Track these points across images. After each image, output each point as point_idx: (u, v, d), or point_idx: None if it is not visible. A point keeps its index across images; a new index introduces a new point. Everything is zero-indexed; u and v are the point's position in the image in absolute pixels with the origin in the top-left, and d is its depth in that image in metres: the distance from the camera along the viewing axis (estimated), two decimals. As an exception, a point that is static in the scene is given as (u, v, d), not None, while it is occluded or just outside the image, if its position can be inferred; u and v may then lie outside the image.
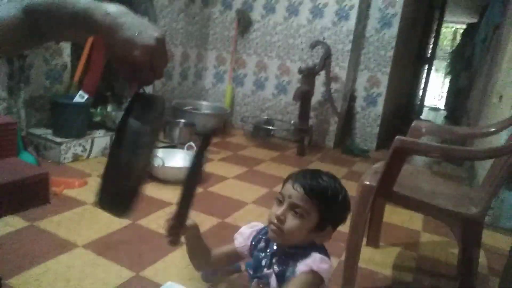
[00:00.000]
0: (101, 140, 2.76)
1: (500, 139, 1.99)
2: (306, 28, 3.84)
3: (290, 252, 0.98)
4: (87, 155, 2.67)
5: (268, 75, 4.11)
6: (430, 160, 3.49)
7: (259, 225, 1.11)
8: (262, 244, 1.06)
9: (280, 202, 0.96)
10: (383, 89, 3.92)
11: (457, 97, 6.88)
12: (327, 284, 0.94)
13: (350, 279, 1.50)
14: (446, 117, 7.42)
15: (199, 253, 1.09)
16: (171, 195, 2.28)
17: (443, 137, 1.68)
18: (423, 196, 1.40)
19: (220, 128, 3.93)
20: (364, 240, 1.90)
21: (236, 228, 1.17)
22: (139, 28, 0.61)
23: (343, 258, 1.59)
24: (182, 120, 3.46)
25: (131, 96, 0.71)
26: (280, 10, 3.94)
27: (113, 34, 0.61)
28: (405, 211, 2.40)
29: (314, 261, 0.93)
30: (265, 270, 1.01)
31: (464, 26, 7.99)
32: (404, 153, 1.30)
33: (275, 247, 1.02)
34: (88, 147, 2.67)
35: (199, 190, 2.42)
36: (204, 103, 4.17)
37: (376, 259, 1.87)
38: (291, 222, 0.94)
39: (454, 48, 8.60)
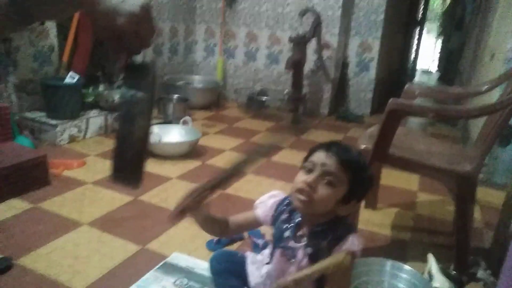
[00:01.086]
0: (96, 119, 2.75)
1: (493, 97, 2.01)
2: (295, -5, 3.77)
3: (319, 231, 0.95)
4: (83, 136, 2.67)
5: (259, 45, 4.07)
6: (425, 122, 3.51)
7: (281, 194, 1.10)
8: (285, 215, 1.03)
9: (309, 171, 0.93)
10: (375, 54, 3.90)
11: (449, 59, 6.85)
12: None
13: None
14: (439, 79, 7.42)
15: (212, 227, 1.09)
16: (170, 170, 2.30)
17: (436, 98, 1.69)
18: (418, 157, 1.43)
19: (214, 102, 3.92)
20: (363, 203, 1.94)
21: (237, 198, 1.18)
22: None
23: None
24: (175, 96, 3.45)
25: (121, 66, 0.71)
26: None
27: (97, 4, 0.61)
28: (402, 173, 2.45)
29: (352, 244, 0.91)
30: (292, 243, 0.98)
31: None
32: (398, 115, 1.31)
33: (298, 219, 1.01)
34: (83, 127, 2.66)
35: (196, 164, 2.45)
36: (196, 77, 4.14)
37: (375, 220, 1.92)
38: (323, 190, 0.91)
39: (444, 9, 8.50)
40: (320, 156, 0.93)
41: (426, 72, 8.66)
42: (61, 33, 2.73)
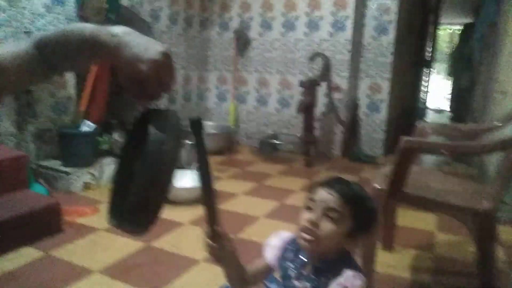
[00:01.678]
0: (110, 166, 2.79)
1: (506, 133, 1.98)
2: (304, 42, 3.90)
3: (321, 268, 0.95)
4: (97, 183, 2.70)
5: (270, 90, 4.15)
6: (439, 161, 3.46)
7: (287, 234, 1.09)
8: (290, 254, 1.02)
9: (310, 209, 0.93)
10: (385, 94, 3.93)
11: (460, 98, 6.86)
12: None
13: (368, 285, 1.49)
14: (451, 119, 7.39)
15: (237, 274, 1.06)
16: (182, 215, 2.29)
17: (449, 135, 1.69)
18: (434, 195, 1.40)
19: (226, 147, 3.95)
20: (379, 245, 1.88)
21: (251, 243, 1.15)
22: (145, 45, 0.64)
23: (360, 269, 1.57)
24: (188, 142, 3.50)
25: (142, 112, 0.72)
26: (276, 27, 4.01)
27: (120, 52, 0.64)
28: (418, 213, 2.39)
29: (347, 279, 0.89)
30: (295, 282, 0.98)
31: (460, 27, 8.03)
32: (411, 153, 1.30)
33: (304, 259, 1.00)
34: (97, 174, 2.69)
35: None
36: (209, 123, 4.21)
37: (393, 263, 1.85)
38: (327, 226, 0.90)
39: (453, 49, 8.62)
40: (321, 194, 0.93)
41: (438, 111, 8.66)
42: (79, 83, 2.85)
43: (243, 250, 1.20)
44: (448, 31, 9.71)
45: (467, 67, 6.27)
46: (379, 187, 1.43)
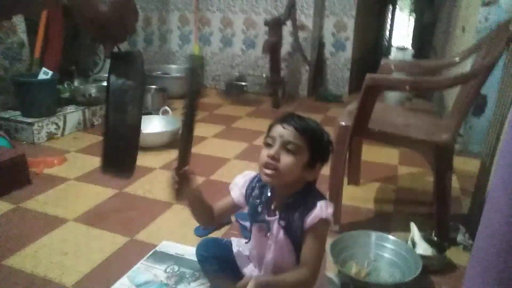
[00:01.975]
0: (73, 115, 2.71)
1: (465, 69, 2.06)
2: (267, -22, 3.75)
3: (290, 203, 1.00)
4: (61, 132, 2.62)
5: (235, 30, 4.04)
6: (401, 98, 3.57)
7: (252, 173, 1.14)
8: (256, 191, 1.08)
9: (269, 145, 0.98)
10: (350, 32, 3.93)
11: (423, 35, 6.95)
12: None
13: (334, 216, 1.58)
14: (413, 56, 7.53)
15: (202, 213, 1.11)
16: (152, 161, 2.29)
17: (411, 72, 1.74)
18: (397, 130, 1.46)
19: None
20: (346, 180, 1.98)
21: (222, 184, 1.20)
22: None
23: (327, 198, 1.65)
24: (153, 86, 3.41)
25: (108, 56, 0.70)
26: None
27: None
28: (382, 149, 2.50)
29: (321, 210, 0.96)
30: (266, 217, 1.03)
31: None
32: (375, 90, 1.34)
33: (269, 194, 1.05)
34: (61, 124, 2.61)
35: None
36: (173, 66, 4.09)
37: (358, 196, 1.97)
38: (286, 159, 0.96)
39: (416, -16, 8.56)
40: (277, 129, 0.99)
41: (401, 49, 8.77)
42: (30, 28, 2.65)
43: (215, 191, 1.25)
44: (412, -35, 9.57)
45: (429, 4, 6.30)
46: (344, 124, 1.48)
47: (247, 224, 1.64)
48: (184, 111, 0.90)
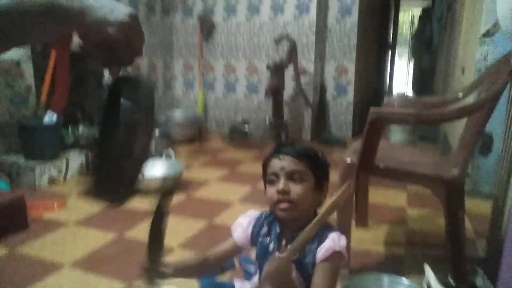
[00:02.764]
0: (76, 159, 2.69)
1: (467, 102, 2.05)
2: (269, 26, 3.87)
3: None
4: (63, 177, 2.59)
5: (238, 76, 4.11)
6: (406, 140, 3.56)
7: (255, 212, 1.09)
8: (264, 229, 1.03)
9: (273, 182, 0.96)
10: (351, 76, 3.99)
11: (422, 79, 7.07)
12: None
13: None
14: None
15: (188, 273, 1.06)
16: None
17: (415, 108, 1.74)
18: (405, 166, 1.43)
19: (196, 135, 3.90)
20: (353, 223, 1.91)
21: (226, 229, 1.14)
22: (110, 7, 0.60)
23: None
24: (156, 130, 3.42)
25: (113, 80, 0.69)
26: (241, 11, 3.95)
27: (84, 17, 0.59)
28: (389, 191, 2.45)
29: (334, 242, 0.91)
30: (278, 254, 0.98)
31: (420, 10, 8.24)
32: (380, 124, 1.32)
33: (278, 230, 1.00)
34: (63, 168, 2.59)
35: (182, 197, 2.39)
36: (177, 111, 4.13)
37: (367, 238, 1.89)
38: (296, 188, 0.93)
39: (414, 32, 8.84)
40: (275, 164, 0.96)
41: (402, 95, 8.89)
42: (38, 72, 2.71)
43: (218, 235, 1.20)
44: (408, 14, 9.94)
45: (427, 49, 6.46)
46: (350, 161, 1.44)
47: (252, 268, 1.56)
48: (155, 209, 0.91)
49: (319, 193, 0.97)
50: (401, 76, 9.83)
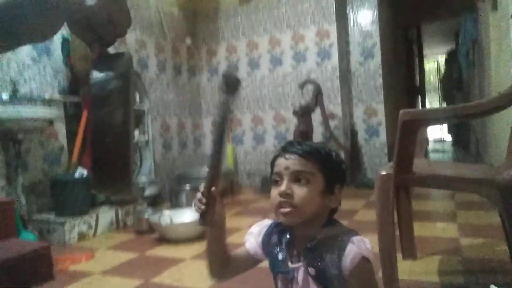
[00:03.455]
0: (106, 215, 2.66)
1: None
2: (293, 75, 3.93)
3: (315, 245, 0.84)
4: (93, 232, 2.55)
5: (266, 127, 4.12)
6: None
7: (268, 220, 0.99)
8: (274, 238, 0.93)
9: (277, 183, 0.86)
10: (381, 117, 3.89)
11: (458, 124, 6.83)
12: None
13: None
14: (453, 144, 7.31)
15: (218, 251, 0.94)
16: (183, 252, 2.13)
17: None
18: (448, 172, 1.28)
19: (228, 189, 3.83)
20: (400, 256, 1.72)
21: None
22: None
23: (380, 275, 1.39)
24: (188, 185, 3.39)
25: (94, 58, 0.66)
26: (264, 64, 4.06)
27: None
28: (437, 224, 2.24)
29: (359, 247, 0.80)
30: (290, 264, 0.87)
31: (445, 55, 8.24)
32: (413, 126, 1.21)
33: (288, 236, 0.89)
34: (93, 223, 2.55)
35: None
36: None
37: (418, 269, 1.67)
38: (300, 191, 0.83)
39: (442, 75, 8.77)
40: (280, 163, 0.86)
41: (439, 141, 8.60)
42: (70, 132, 2.80)
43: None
44: (435, 63, 9.96)
45: (458, 88, 6.33)
46: (385, 172, 1.32)
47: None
48: (214, 127, 0.83)
49: (328, 197, 0.85)
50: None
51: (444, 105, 8.11)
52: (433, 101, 9.73)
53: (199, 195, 0.86)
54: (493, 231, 1.97)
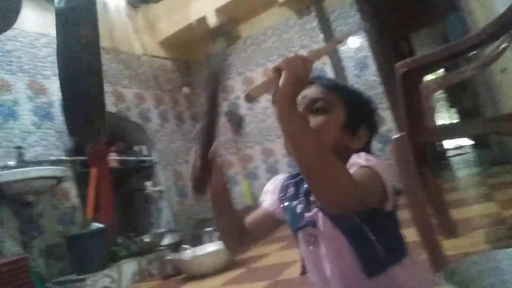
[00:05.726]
0: (129, 266, 2.56)
1: None
2: (293, 100, 3.93)
3: None
4: (117, 286, 2.43)
5: (277, 157, 4.05)
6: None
7: (281, 175, 0.92)
8: (291, 190, 0.85)
9: None
10: (391, 125, 3.81)
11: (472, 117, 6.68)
12: (387, 182, 0.71)
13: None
14: (474, 146, 7.10)
15: (228, 219, 0.85)
16: (209, 284, 2.01)
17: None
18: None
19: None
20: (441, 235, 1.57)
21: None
22: None
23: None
24: (209, 229, 3.28)
25: None
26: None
27: None
28: (474, 207, 2.09)
29: (358, 157, 0.72)
30: (307, 215, 0.79)
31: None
32: (413, 76, 1.14)
33: (306, 186, 0.81)
34: (116, 276, 2.44)
35: (240, 270, 2.15)
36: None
37: (463, 244, 1.53)
38: (314, 120, 0.77)
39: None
40: (302, 93, 0.79)
41: (459, 148, 8.38)
42: (81, 190, 2.77)
43: None
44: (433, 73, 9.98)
45: (463, 91, 6.26)
46: (398, 135, 1.24)
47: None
48: (208, 81, 0.76)
49: (349, 135, 0.79)
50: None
51: (455, 111, 7.99)
52: (441, 111, 9.63)
53: (194, 159, 0.79)
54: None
